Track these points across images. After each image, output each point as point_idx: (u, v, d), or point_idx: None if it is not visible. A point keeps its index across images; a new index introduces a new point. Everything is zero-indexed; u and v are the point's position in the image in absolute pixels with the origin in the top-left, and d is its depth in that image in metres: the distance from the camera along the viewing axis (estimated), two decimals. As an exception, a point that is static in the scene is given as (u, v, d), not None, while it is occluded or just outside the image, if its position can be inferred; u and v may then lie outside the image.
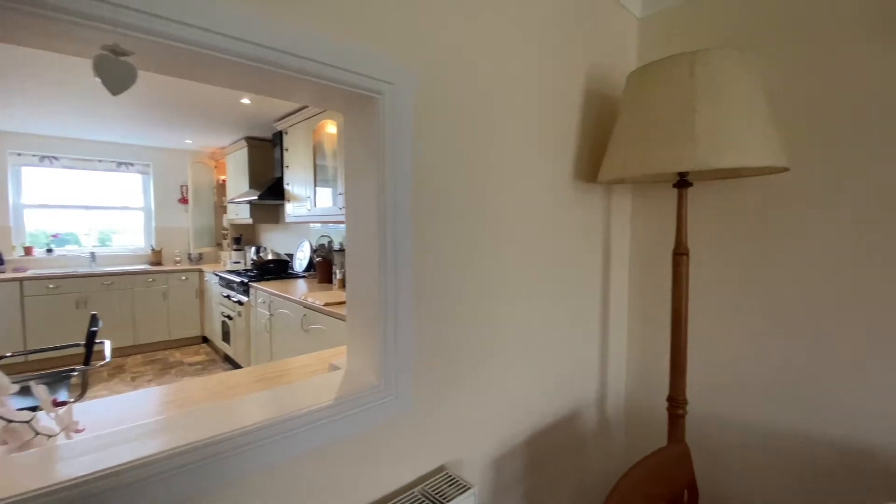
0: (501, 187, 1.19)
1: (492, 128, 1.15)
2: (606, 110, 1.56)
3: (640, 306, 1.73)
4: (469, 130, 1.09)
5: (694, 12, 1.53)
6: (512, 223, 1.23)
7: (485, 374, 1.18)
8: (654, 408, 1.71)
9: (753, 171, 1.31)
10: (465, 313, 1.12)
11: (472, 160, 1.11)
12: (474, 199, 1.12)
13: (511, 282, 1.24)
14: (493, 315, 1.20)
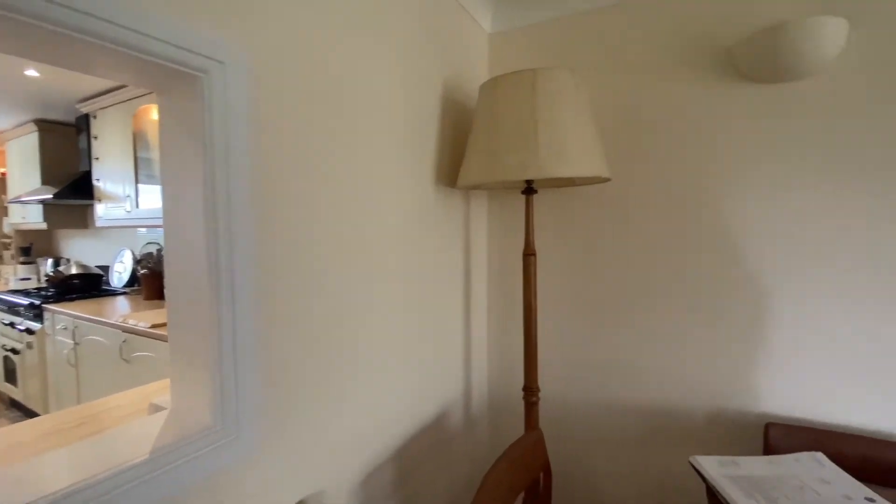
0: (358, 190, 1.13)
1: (348, 128, 1.08)
2: (463, 119, 1.62)
3: (498, 304, 1.84)
4: (320, 127, 1.00)
5: (536, 34, 1.69)
6: (371, 228, 1.18)
7: (343, 394, 1.11)
8: (512, 398, 1.83)
9: (585, 181, 1.50)
10: (317, 328, 1.02)
11: (326, 159, 1.02)
12: (326, 202, 1.03)
13: (371, 290, 1.19)
14: (350, 328, 1.13)
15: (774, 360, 1.37)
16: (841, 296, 1.29)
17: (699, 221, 1.45)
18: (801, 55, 1.20)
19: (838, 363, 1.30)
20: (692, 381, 1.49)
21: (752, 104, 1.36)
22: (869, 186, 1.24)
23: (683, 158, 1.46)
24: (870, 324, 1.26)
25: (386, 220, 1.23)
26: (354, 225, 1.11)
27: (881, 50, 1.21)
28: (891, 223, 1.22)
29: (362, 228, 1.14)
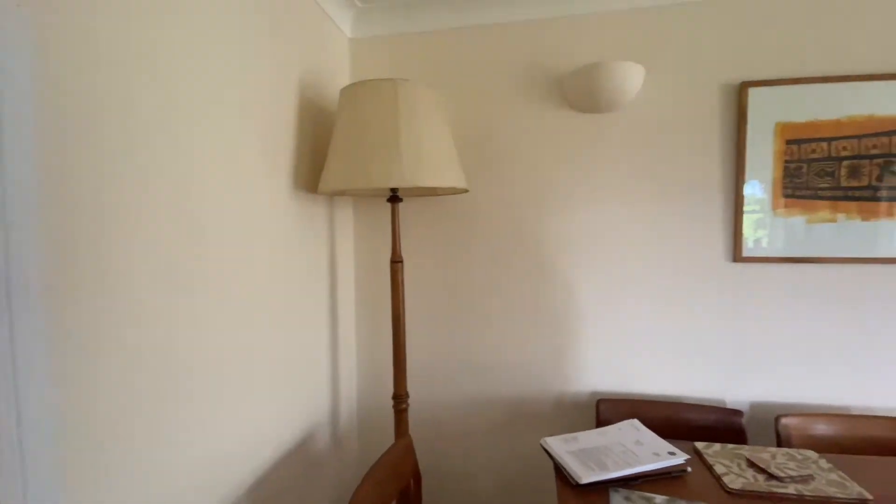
0: (191, 192, 0.99)
1: (182, 122, 0.94)
2: (324, 122, 1.56)
3: (367, 312, 1.80)
4: (142, 123, 0.85)
5: (399, 44, 1.72)
6: (212, 235, 1.04)
7: (178, 427, 0.95)
8: (383, 408, 1.81)
9: (446, 191, 1.57)
10: (138, 354, 0.87)
11: (154, 158, 0.87)
12: (150, 205, 0.88)
13: (209, 305, 1.05)
14: (184, 351, 0.98)
15: (600, 348, 1.62)
16: (641, 292, 1.58)
17: (539, 231, 1.64)
18: (609, 91, 1.46)
19: (645, 346, 1.59)
20: (539, 371, 1.67)
21: (578, 130, 1.60)
22: (658, 201, 1.56)
23: (526, 175, 1.64)
24: (663, 313, 1.58)
25: (232, 226, 1.10)
26: (189, 231, 0.97)
27: (667, 93, 1.54)
28: (674, 231, 1.56)
29: (200, 235, 1.00)
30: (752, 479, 1.05)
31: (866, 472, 1.12)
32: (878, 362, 1.47)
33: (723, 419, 1.44)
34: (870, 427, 1.36)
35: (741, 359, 1.54)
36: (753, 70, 1.49)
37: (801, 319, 1.51)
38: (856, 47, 1.43)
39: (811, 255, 1.48)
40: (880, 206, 1.44)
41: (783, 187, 1.48)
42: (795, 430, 1.35)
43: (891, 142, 1.43)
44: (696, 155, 1.54)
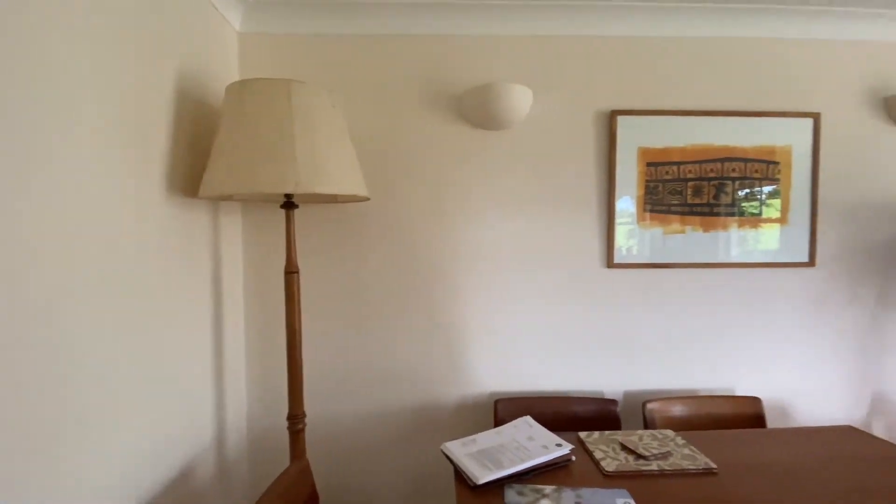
0: (38, 190, 0.83)
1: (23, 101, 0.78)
2: (208, 120, 1.42)
3: (259, 328, 1.67)
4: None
5: (295, 44, 1.64)
6: (51, 245, 0.89)
7: (29, 481, 0.78)
8: (277, 430, 1.69)
9: (347, 199, 1.53)
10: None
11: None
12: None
13: (69, 330, 0.89)
14: (39, 387, 0.82)
15: (497, 351, 1.71)
16: (530, 297, 1.71)
17: (438, 240, 1.68)
18: (502, 110, 1.56)
19: (536, 347, 1.72)
20: (439, 377, 1.70)
21: (474, 145, 1.68)
22: (545, 214, 1.70)
23: (426, 185, 1.67)
24: (550, 316, 1.72)
25: (85, 235, 0.94)
26: (19, 246, 0.81)
27: (552, 115, 1.69)
28: (558, 241, 1.71)
29: (36, 245, 0.84)
30: (624, 461, 1.19)
31: (712, 444, 1.33)
32: (722, 349, 1.76)
33: (602, 408, 1.61)
34: (714, 406, 1.62)
35: (615, 353, 1.74)
36: (622, 100, 1.70)
37: (662, 316, 1.75)
38: (699, 88, 1.72)
39: (668, 261, 1.73)
40: (717, 220, 1.74)
41: (645, 203, 1.72)
42: (658, 413, 1.56)
43: (723, 167, 1.74)
44: (577, 173, 1.71)
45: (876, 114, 1.78)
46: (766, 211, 1.75)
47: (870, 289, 1.80)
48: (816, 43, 1.75)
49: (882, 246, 1.79)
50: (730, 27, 1.70)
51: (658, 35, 1.70)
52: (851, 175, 1.78)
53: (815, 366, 1.79)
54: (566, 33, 1.68)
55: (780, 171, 1.75)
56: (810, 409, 1.80)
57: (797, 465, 1.20)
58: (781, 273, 1.77)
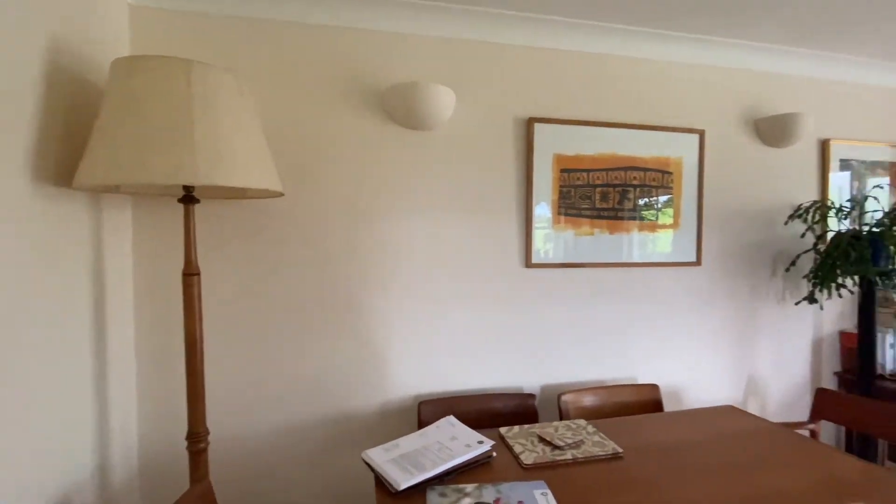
0: None
1: None
2: (88, 99, 1.24)
3: (151, 337, 1.48)
4: None
5: (197, 22, 1.49)
6: None
7: None
8: (175, 451, 1.51)
9: (257, 193, 1.42)
10: None
11: None
12: None
13: None
14: None
15: (420, 352, 1.69)
16: (453, 297, 1.72)
17: (359, 240, 1.63)
18: (425, 110, 1.56)
19: (459, 346, 1.73)
20: (361, 383, 1.64)
21: (397, 144, 1.66)
22: (468, 215, 1.73)
23: (345, 183, 1.62)
24: (472, 315, 1.74)
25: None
26: None
27: (474, 119, 1.72)
28: (480, 242, 1.74)
29: None
30: (541, 453, 1.23)
31: (618, 430, 1.43)
32: (626, 342, 1.91)
33: (521, 403, 1.66)
34: (620, 394, 1.75)
35: (533, 349, 1.81)
36: (539, 108, 1.79)
37: (574, 313, 1.85)
38: (606, 101, 1.86)
39: (579, 261, 1.85)
40: (621, 223, 1.89)
41: (559, 207, 1.81)
42: (572, 404, 1.65)
43: (626, 175, 1.90)
44: (499, 176, 1.76)
45: (749, 133, 2.06)
46: (662, 217, 1.94)
47: (744, 284, 2.07)
48: (703, 68, 1.98)
49: (753, 248, 2.08)
50: (632, 48, 1.86)
51: (571, 49, 1.81)
52: (729, 186, 2.04)
53: (702, 353, 2.02)
54: (490, 39, 1.72)
55: (673, 181, 1.95)
56: (699, 391, 2.02)
57: (688, 443, 1.33)
58: (674, 272, 1.97)
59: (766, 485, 1.09)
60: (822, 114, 2.16)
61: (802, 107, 2.13)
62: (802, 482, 1.10)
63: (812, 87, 2.14)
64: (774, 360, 2.13)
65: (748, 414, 1.56)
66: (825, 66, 2.11)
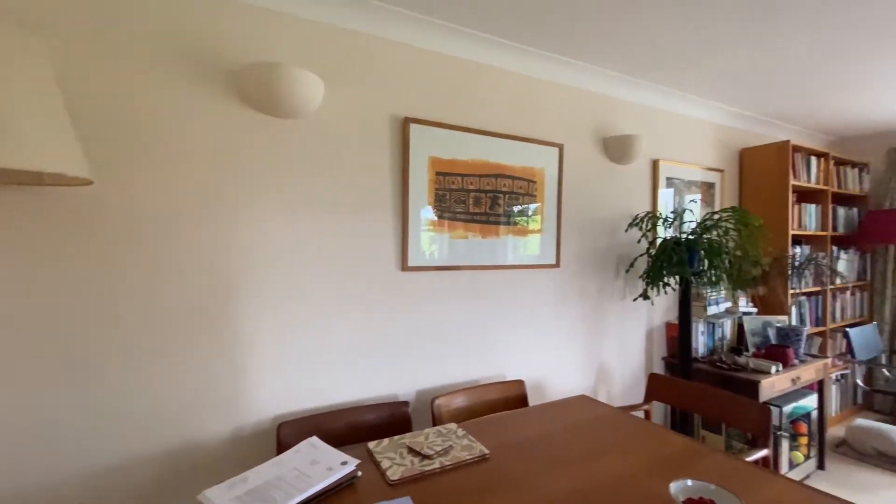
0: None
1: None
2: None
3: None
4: None
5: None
6: None
7: None
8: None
9: (55, 179, 1.11)
10: None
11: None
12: None
13: None
14: None
15: (281, 367, 1.52)
16: (320, 305, 1.60)
17: (203, 241, 1.41)
18: (289, 96, 1.40)
19: (328, 358, 1.60)
20: (208, 408, 1.41)
21: (255, 131, 1.46)
22: (340, 216, 1.62)
23: (186, 173, 1.37)
24: (343, 323, 1.63)
25: None
26: None
27: (347, 112, 1.61)
28: (353, 245, 1.64)
29: None
30: (409, 465, 1.18)
31: (486, 429, 1.45)
32: (496, 341, 1.98)
33: (394, 412, 1.60)
34: (489, 392, 1.81)
35: (408, 354, 1.77)
36: (416, 109, 1.75)
37: (449, 315, 1.86)
38: (479, 109, 1.91)
39: (454, 264, 1.86)
40: (492, 228, 1.96)
41: (435, 209, 1.80)
42: (444, 408, 1.64)
43: (497, 182, 1.97)
44: (373, 175, 1.67)
45: (599, 149, 2.31)
46: (528, 223, 2.07)
47: (594, 284, 2.31)
48: (565, 87, 2.16)
49: (601, 252, 2.34)
50: (506, 61, 1.94)
51: (450, 54, 1.81)
52: (584, 196, 2.26)
53: (561, 348, 2.20)
54: (369, 32, 1.63)
55: (537, 189, 2.09)
56: (559, 383, 2.20)
57: (547, 436, 1.41)
58: (539, 273, 2.11)
59: (610, 471, 1.20)
60: (654, 137, 2.53)
61: (640, 130, 2.47)
62: (640, 463, 1.23)
63: (647, 114, 2.50)
64: (618, 350, 2.42)
65: (597, 402, 1.73)
66: (657, 97, 2.48)
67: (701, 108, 2.69)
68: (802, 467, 2.38)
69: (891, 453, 2.52)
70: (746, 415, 1.62)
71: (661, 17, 1.69)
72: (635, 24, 1.74)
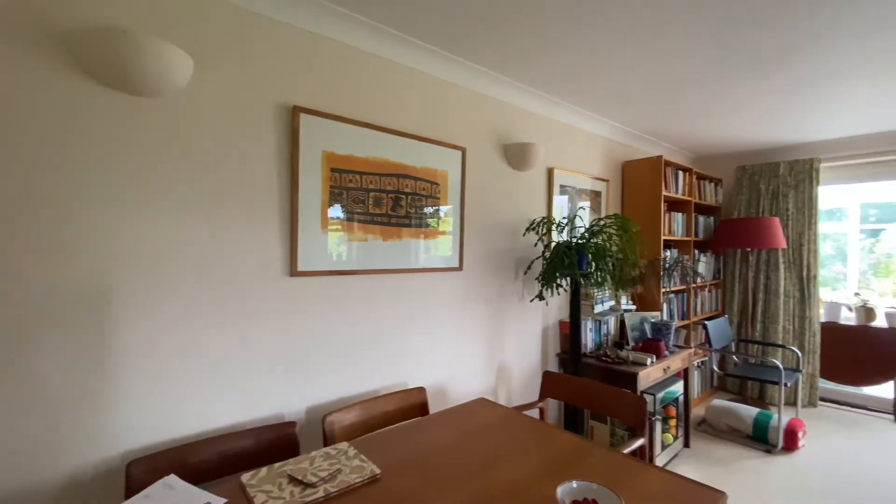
0: None
1: None
2: None
3: None
4: None
5: None
6: None
7: None
8: None
9: None
10: None
11: None
12: None
13: None
14: None
15: (138, 391, 1.28)
16: (190, 317, 1.38)
17: (33, 242, 1.13)
18: (145, 72, 1.18)
19: (199, 377, 1.39)
20: (33, 447, 1.13)
21: (100, 111, 1.21)
22: (212, 214, 1.41)
23: (18, 162, 1.09)
24: (219, 336, 1.43)
25: None
26: None
27: (222, 96, 1.41)
28: (230, 248, 1.44)
29: None
30: (288, 497, 1.05)
31: (381, 446, 1.36)
32: (399, 348, 1.90)
33: (277, 435, 1.43)
34: (388, 403, 1.72)
35: (298, 368, 1.61)
36: (307, 99, 1.60)
37: (345, 323, 1.74)
38: (382, 106, 1.81)
39: (352, 268, 1.74)
40: (393, 230, 1.88)
41: (330, 209, 1.67)
42: (337, 425, 1.52)
43: (398, 182, 1.90)
44: (257, 169, 1.49)
45: (500, 155, 2.36)
46: (432, 225, 2.02)
47: (495, 286, 2.35)
48: (469, 92, 2.16)
49: (502, 254, 2.38)
50: (409, 58, 1.87)
51: (348, 43, 1.69)
52: (485, 200, 2.28)
53: (463, 351, 2.20)
54: (248, 7, 1.45)
55: (440, 192, 2.06)
56: (462, 386, 2.19)
57: (443, 447, 1.37)
58: (441, 277, 2.08)
59: (503, 479, 1.19)
60: (550, 146, 2.66)
61: (537, 139, 2.57)
62: (531, 467, 1.24)
63: (544, 124, 2.61)
64: (518, 349, 2.50)
65: (494, 404, 1.74)
66: (554, 108, 2.60)
67: (591, 121, 2.90)
68: (672, 447, 2.67)
69: (740, 428, 2.95)
70: (626, 407, 1.74)
71: (558, 37, 1.76)
72: (536, 38, 1.79)
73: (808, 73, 2.13)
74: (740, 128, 3.11)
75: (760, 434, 2.85)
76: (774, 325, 3.59)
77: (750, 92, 2.39)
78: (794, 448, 2.78)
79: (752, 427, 2.88)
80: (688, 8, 1.59)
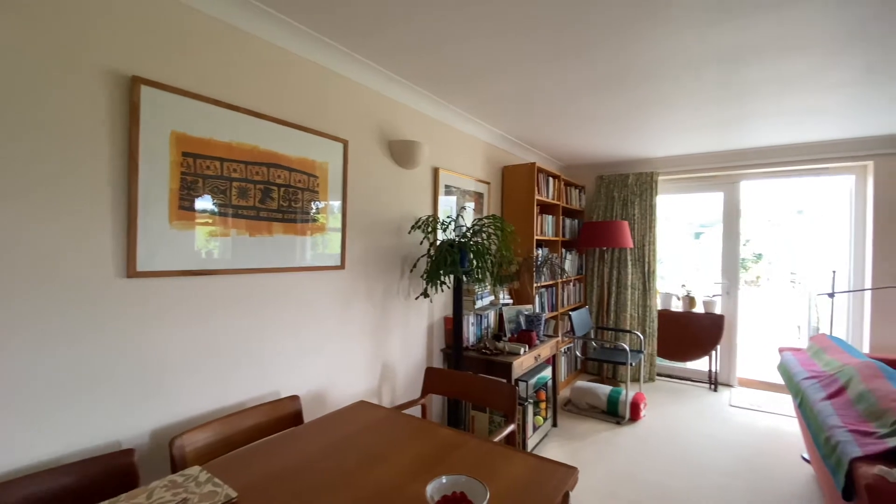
0: None
1: None
2: None
3: None
4: None
5: None
6: None
7: None
8: None
9: None
10: None
11: None
12: None
13: None
14: None
15: None
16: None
17: None
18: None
19: (8, 409, 1.09)
20: None
21: None
22: (12, 202, 1.12)
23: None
24: (35, 352, 1.14)
25: None
26: None
27: (23, 51, 1.12)
28: (41, 244, 1.16)
29: None
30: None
31: (243, 464, 1.22)
32: (269, 355, 1.74)
33: (109, 467, 1.20)
34: (254, 416, 1.56)
35: (140, 386, 1.37)
36: (151, 69, 1.37)
37: (200, 331, 1.53)
38: (250, 87, 1.63)
39: (211, 267, 1.54)
40: (263, 224, 1.71)
41: (181, 199, 1.45)
42: (189, 448, 1.33)
43: (269, 172, 1.73)
44: (78, 148, 1.22)
45: (385, 151, 2.31)
46: (308, 220, 1.89)
47: (379, 285, 2.30)
48: (352, 83, 2.07)
49: (386, 253, 2.34)
50: (285, 40, 1.72)
51: (209, 13, 1.48)
52: (370, 196, 2.22)
53: (345, 353, 2.11)
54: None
55: (319, 185, 1.94)
56: (343, 390, 2.10)
57: (315, 455, 1.28)
58: (319, 276, 1.96)
59: (374, 485, 1.15)
60: (435, 146, 2.69)
61: (422, 137, 2.58)
62: (404, 468, 1.23)
63: (430, 124, 2.64)
64: (402, 347, 2.48)
65: (373, 406, 1.69)
66: (439, 109, 2.64)
67: (475, 125, 3.01)
68: (542, 428, 2.92)
69: (598, 405, 3.35)
70: (498, 396, 1.84)
71: (444, 34, 1.77)
72: (422, 33, 1.77)
73: (642, 99, 2.49)
74: (599, 141, 3.53)
75: (613, 409, 3.27)
76: (624, 313, 4.16)
77: (605, 110, 2.72)
78: (638, 418, 3.26)
79: (607, 403, 3.29)
80: (547, 30, 1.73)
